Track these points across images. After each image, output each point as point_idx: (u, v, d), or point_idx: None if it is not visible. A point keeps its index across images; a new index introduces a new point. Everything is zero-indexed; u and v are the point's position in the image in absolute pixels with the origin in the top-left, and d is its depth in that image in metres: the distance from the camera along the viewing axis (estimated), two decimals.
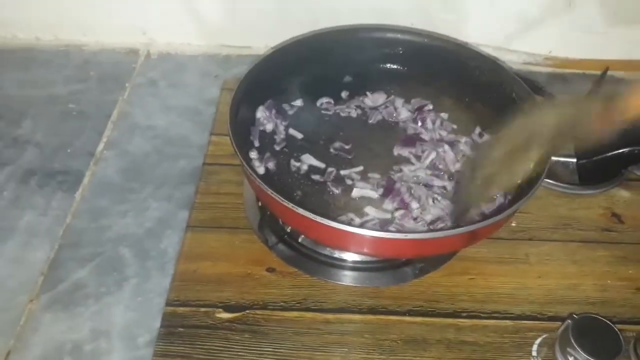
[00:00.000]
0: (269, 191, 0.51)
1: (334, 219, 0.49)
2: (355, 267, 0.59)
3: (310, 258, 0.59)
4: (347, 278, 0.58)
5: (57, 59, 0.86)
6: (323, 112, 0.68)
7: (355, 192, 0.59)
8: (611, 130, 0.47)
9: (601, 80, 0.74)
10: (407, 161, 0.64)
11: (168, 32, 0.88)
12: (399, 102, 0.69)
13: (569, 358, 0.51)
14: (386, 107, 0.68)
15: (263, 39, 0.84)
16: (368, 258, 0.59)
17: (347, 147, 0.65)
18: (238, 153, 0.54)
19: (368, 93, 0.69)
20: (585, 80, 0.80)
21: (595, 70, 0.81)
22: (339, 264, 0.59)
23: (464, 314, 0.56)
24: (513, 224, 0.63)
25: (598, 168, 0.58)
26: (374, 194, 0.59)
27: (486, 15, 0.82)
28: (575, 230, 0.64)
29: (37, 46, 0.87)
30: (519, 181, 0.52)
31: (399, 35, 0.69)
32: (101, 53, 0.87)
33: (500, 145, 0.52)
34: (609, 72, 0.78)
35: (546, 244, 0.62)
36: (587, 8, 0.81)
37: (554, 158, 0.56)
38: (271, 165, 0.62)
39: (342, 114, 0.68)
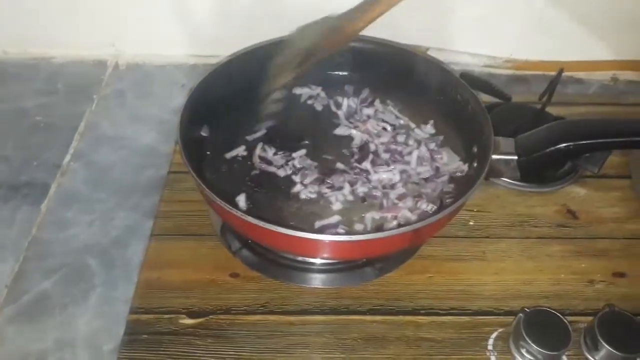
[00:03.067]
0: (218, 200, 0.52)
1: (286, 225, 0.51)
2: (317, 269, 0.61)
3: (273, 262, 0.61)
4: (310, 280, 0.60)
5: (26, 71, 0.86)
6: None
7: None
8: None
9: (556, 80, 0.77)
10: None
11: (136, 43, 0.89)
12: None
13: (522, 350, 0.53)
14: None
15: (229, 48, 0.85)
16: (329, 260, 0.60)
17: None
18: (186, 161, 0.55)
19: None
20: (545, 81, 0.81)
21: (553, 71, 0.83)
22: (301, 267, 0.60)
23: (423, 311, 0.57)
24: (471, 223, 0.65)
25: (537, 164, 0.60)
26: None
27: (447, 21, 0.84)
28: (531, 227, 0.66)
29: (5, 60, 0.88)
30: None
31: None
32: (70, 65, 0.88)
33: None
34: (567, 73, 0.81)
35: (503, 241, 0.64)
36: (545, 12, 0.84)
37: (494, 156, 0.58)
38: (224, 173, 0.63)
39: None
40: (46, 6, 0.84)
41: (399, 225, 0.57)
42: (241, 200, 0.59)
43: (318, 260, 0.60)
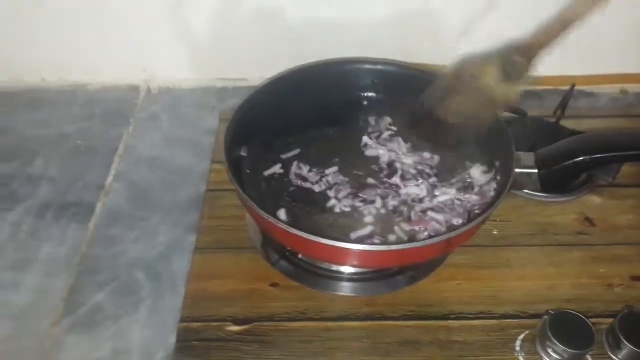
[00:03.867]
0: (265, 215, 0.56)
1: (325, 236, 0.54)
2: (352, 278, 0.64)
3: (309, 272, 0.65)
4: (345, 288, 0.64)
5: (63, 98, 0.91)
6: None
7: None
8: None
9: (569, 94, 0.81)
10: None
11: (166, 68, 0.93)
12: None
13: (548, 350, 0.56)
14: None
15: (256, 70, 0.90)
16: (363, 270, 0.64)
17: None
18: (233, 181, 0.59)
19: None
20: (556, 95, 0.85)
21: (564, 85, 0.86)
22: (337, 276, 0.64)
23: (453, 316, 0.61)
24: (495, 232, 0.69)
25: (557, 176, 0.64)
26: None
27: (460, 41, 0.89)
28: (551, 234, 0.69)
29: (43, 87, 0.93)
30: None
31: (373, 66, 0.76)
32: (104, 91, 0.92)
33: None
34: (578, 87, 0.86)
35: (526, 248, 0.68)
36: None
37: (517, 170, 0.62)
38: (264, 190, 0.68)
39: None
40: (80, 35, 0.89)
41: (429, 236, 0.61)
42: (282, 214, 0.63)
43: (352, 270, 0.64)
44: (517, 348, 0.58)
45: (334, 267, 0.64)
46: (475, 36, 0.87)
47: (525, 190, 0.72)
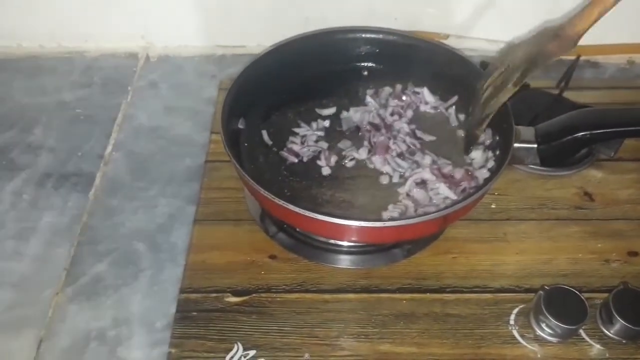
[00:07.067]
0: (262, 190, 0.56)
1: (321, 212, 0.55)
2: (349, 251, 0.65)
3: (307, 245, 0.65)
4: (342, 261, 0.64)
5: (62, 65, 0.90)
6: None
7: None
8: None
9: (573, 66, 0.79)
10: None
11: (165, 35, 0.92)
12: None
13: (542, 324, 0.57)
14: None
15: (256, 38, 0.89)
16: (360, 243, 0.65)
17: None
18: (231, 156, 0.59)
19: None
20: (562, 66, 0.84)
21: (570, 55, 0.85)
22: (334, 249, 0.65)
23: (448, 290, 0.62)
24: (493, 206, 0.69)
25: (557, 151, 0.63)
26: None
27: (465, 9, 0.87)
28: (550, 209, 0.69)
29: (41, 54, 0.92)
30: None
31: (373, 35, 0.74)
32: (102, 58, 0.91)
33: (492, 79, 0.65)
34: (584, 57, 0.84)
35: (523, 223, 0.68)
36: None
37: (516, 145, 0.61)
38: (261, 163, 0.67)
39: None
40: (79, 2, 0.87)
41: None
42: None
43: (350, 243, 0.65)
44: (512, 322, 0.59)
45: (332, 241, 0.65)
46: (478, 2, 0.86)
47: (525, 165, 0.71)
